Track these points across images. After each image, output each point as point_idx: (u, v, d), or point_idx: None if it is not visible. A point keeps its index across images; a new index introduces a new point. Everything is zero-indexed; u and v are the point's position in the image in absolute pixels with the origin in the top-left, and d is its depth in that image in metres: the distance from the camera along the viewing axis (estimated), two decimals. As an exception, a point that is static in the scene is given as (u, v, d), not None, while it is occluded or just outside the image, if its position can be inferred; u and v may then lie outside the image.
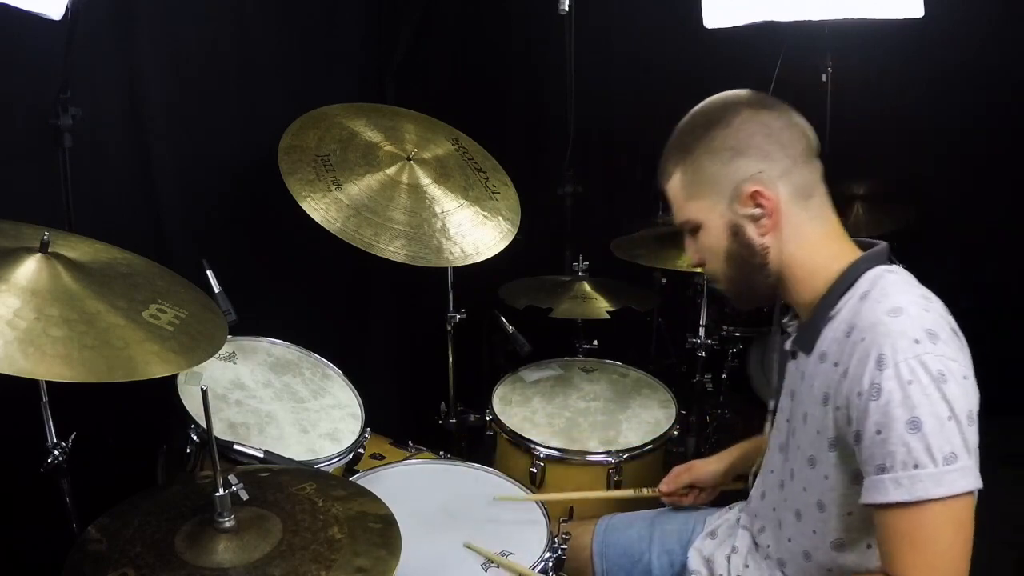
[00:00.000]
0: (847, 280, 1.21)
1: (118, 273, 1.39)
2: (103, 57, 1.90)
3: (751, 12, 2.25)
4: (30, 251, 1.27)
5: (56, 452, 1.43)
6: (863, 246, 1.27)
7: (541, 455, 1.98)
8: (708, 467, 1.70)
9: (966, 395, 1.08)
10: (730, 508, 1.63)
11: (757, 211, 1.22)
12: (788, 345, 1.34)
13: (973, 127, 2.86)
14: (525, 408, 2.18)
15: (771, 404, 1.46)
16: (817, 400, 1.21)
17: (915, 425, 1.05)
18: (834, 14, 2.20)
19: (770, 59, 2.46)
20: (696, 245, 1.32)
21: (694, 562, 1.54)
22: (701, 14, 2.29)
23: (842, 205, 3.34)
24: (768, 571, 1.40)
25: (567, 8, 2.39)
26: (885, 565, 1.09)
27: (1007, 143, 2.86)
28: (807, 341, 1.26)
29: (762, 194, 1.21)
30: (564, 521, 1.63)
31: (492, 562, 1.48)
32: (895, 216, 2.99)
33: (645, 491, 1.79)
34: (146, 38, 1.98)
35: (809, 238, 1.24)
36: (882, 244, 1.26)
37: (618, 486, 1.93)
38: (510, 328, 2.28)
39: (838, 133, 2.55)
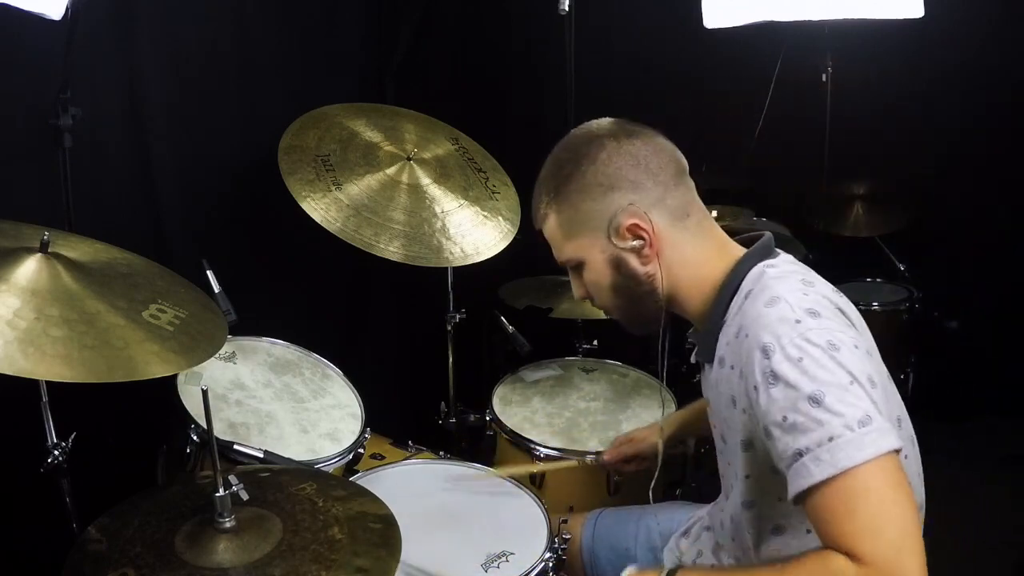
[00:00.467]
0: (732, 284, 1.22)
1: (118, 273, 1.39)
2: (103, 57, 1.90)
3: (751, 12, 2.25)
4: (30, 251, 1.27)
5: (56, 452, 1.43)
6: (747, 242, 1.28)
7: (541, 455, 1.98)
8: (649, 439, 1.76)
9: (862, 361, 1.05)
10: (715, 504, 1.63)
11: (637, 243, 1.24)
12: (692, 358, 1.35)
13: (973, 127, 2.87)
14: (525, 408, 2.18)
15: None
16: (727, 404, 1.22)
17: (817, 398, 1.01)
18: (834, 14, 2.21)
19: (770, 59, 2.46)
20: (581, 281, 1.33)
21: (668, 560, 1.55)
22: (701, 14, 2.29)
23: (842, 205, 3.35)
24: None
25: (567, 8, 2.39)
26: (830, 543, 1.00)
27: (1007, 143, 2.86)
28: (707, 350, 1.27)
29: (639, 225, 1.23)
30: (564, 521, 1.63)
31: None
32: (895, 216, 3.00)
33: (588, 459, 1.86)
34: (146, 38, 1.98)
35: (692, 256, 1.26)
36: (765, 236, 1.28)
37: (618, 486, 1.93)
38: (510, 328, 2.28)
39: (838, 133, 2.56)
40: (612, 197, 1.23)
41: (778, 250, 1.28)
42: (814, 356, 1.04)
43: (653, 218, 1.23)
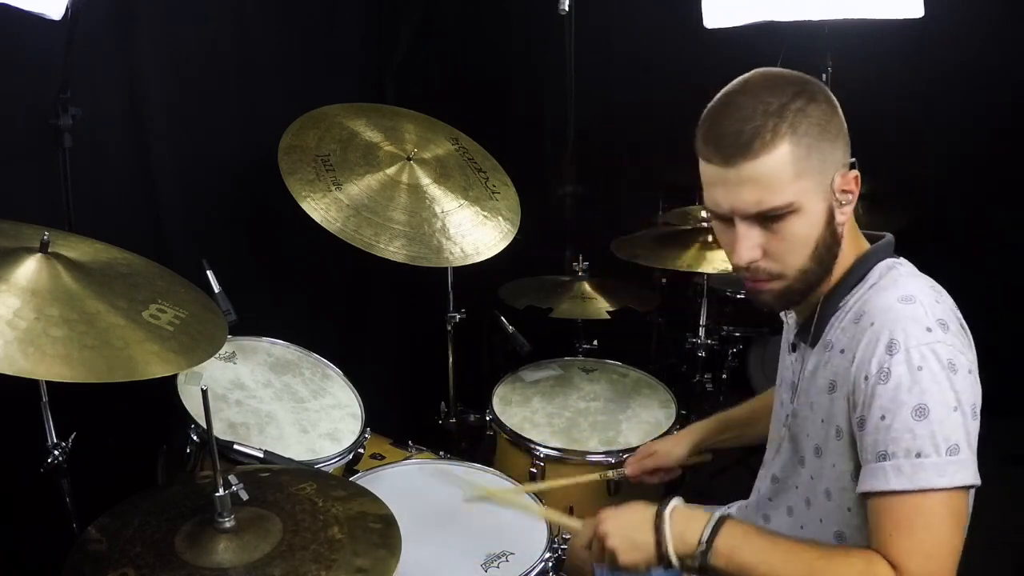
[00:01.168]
0: (858, 272, 1.19)
1: (118, 273, 1.39)
2: (103, 57, 1.90)
3: (751, 12, 2.25)
4: (30, 251, 1.27)
5: (56, 452, 1.43)
6: (871, 239, 1.25)
7: (541, 455, 1.98)
8: (674, 450, 1.69)
9: (972, 388, 1.07)
10: (728, 507, 1.63)
11: (848, 196, 1.14)
12: (790, 338, 1.32)
13: (973, 127, 2.87)
14: (525, 408, 2.18)
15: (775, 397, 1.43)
16: (823, 389, 1.19)
17: (922, 412, 1.03)
18: (834, 14, 2.20)
19: (770, 59, 2.44)
20: (765, 237, 1.13)
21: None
22: (701, 14, 2.29)
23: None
24: None
25: (567, 8, 2.39)
26: (879, 549, 1.05)
27: (1007, 143, 2.86)
28: (814, 333, 1.23)
29: (857, 181, 1.14)
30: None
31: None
32: (895, 216, 2.99)
33: (610, 473, 1.81)
34: (146, 38, 1.98)
35: (848, 230, 1.19)
36: (888, 236, 1.25)
37: (618, 487, 1.93)
38: (510, 328, 2.28)
39: (838, 133, 2.56)
40: (839, 145, 1.13)
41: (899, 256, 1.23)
42: (933, 370, 1.04)
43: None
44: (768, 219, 1.12)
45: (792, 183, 1.10)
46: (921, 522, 1.03)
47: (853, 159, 1.15)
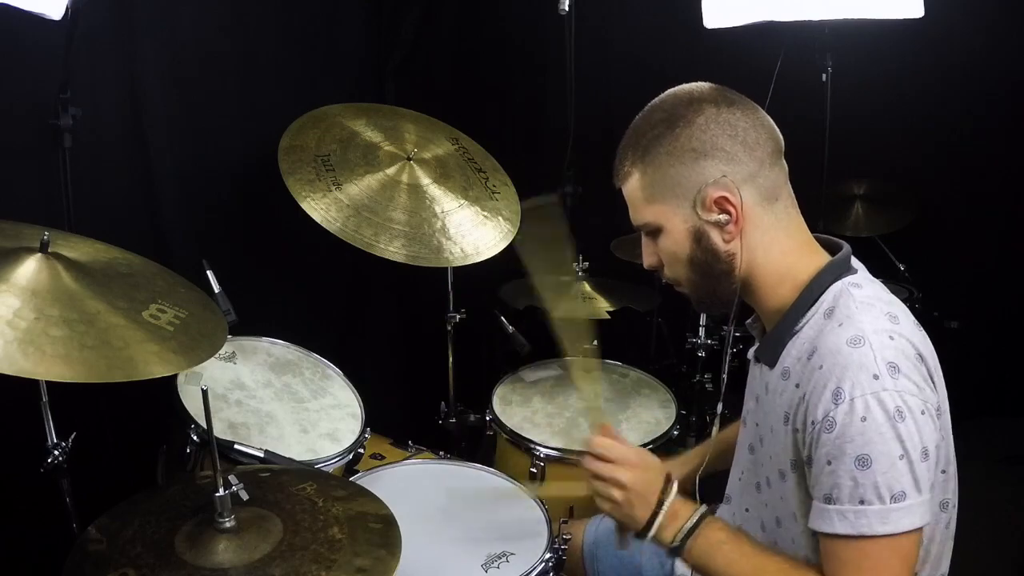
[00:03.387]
0: (812, 294, 1.18)
1: (118, 273, 1.39)
2: (103, 57, 1.90)
3: (751, 12, 2.25)
4: (30, 251, 1.27)
5: (56, 452, 1.43)
6: (826, 245, 1.25)
7: (541, 455, 1.98)
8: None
9: (921, 431, 1.06)
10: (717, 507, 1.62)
11: (722, 217, 1.17)
12: (751, 353, 1.32)
13: (973, 127, 2.87)
14: (525, 408, 2.18)
15: (719, 407, 1.45)
16: (780, 417, 1.19)
17: (864, 462, 1.04)
18: (834, 14, 2.20)
19: (770, 59, 2.45)
20: (654, 248, 1.27)
21: (680, 565, 1.54)
22: (701, 14, 2.29)
23: (842, 205, 3.34)
24: None
25: (567, 8, 2.39)
26: None
27: (1007, 143, 2.86)
28: (771, 353, 1.23)
29: (727, 200, 1.16)
30: (564, 522, 1.63)
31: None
32: (895, 216, 2.99)
33: None
34: (146, 38, 1.98)
35: (775, 244, 1.20)
36: (845, 247, 1.23)
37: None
38: (510, 328, 2.27)
39: (838, 133, 2.55)
40: (703, 165, 1.16)
41: (855, 260, 1.24)
42: (877, 421, 1.04)
43: (743, 194, 1.16)
44: (648, 234, 1.27)
45: (647, 206, 1.23)
46: (867, 564, 1.07)
47: (724, 172, 1.16)
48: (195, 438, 1.61)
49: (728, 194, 1.16)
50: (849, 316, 1.13)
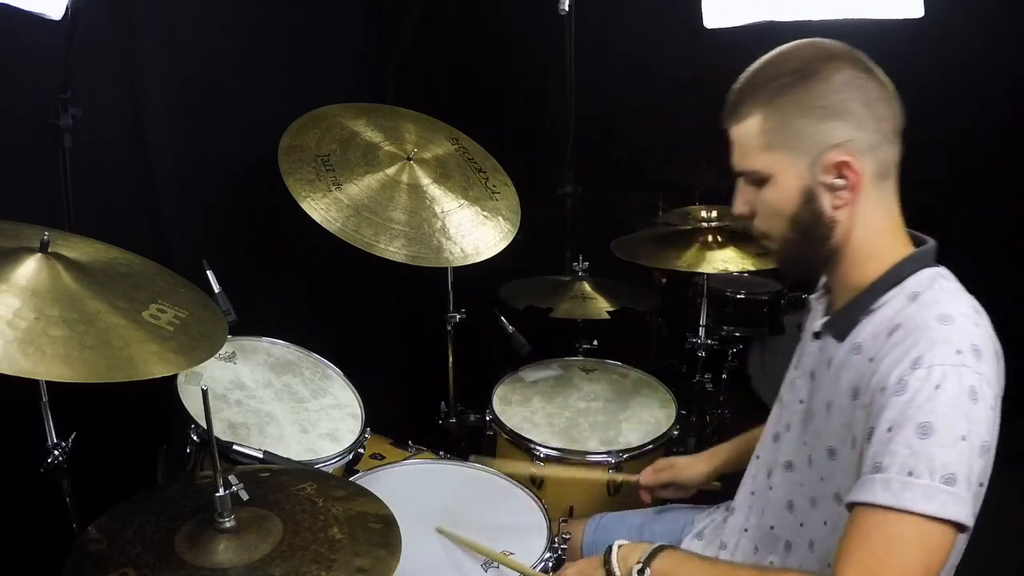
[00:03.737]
0: (896, 275, 1.16)
1: (118, 273, 1.39)
2: (103, 57, 1.90)
3: (751, 12, 2.25)
4: (30, 251, 1.27)
5: (56, 452, 1.43)
6: (914, 240, 1.22)
7: (541, 455, 1.98)
8: (692, 468, 1.67)
9: (988, 424, 1.03)
10: (716, 508, 1.62)
11: (839, 181, 1.14)
12: (816, 326, 1.28)
13: (973, 127, 2.86)
14: (525, 408, 2.18)
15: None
16: (845, 392, 1.16)
17: (926, 431, 0.99)
18: (834, 14, 2.21)
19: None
20: (753, 197, 1.21)
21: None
22: (701, 14, 2.29)
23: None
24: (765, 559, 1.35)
25: (567, 8, 2.39)
26: (840, 555, 1.03)
27: (1007, 143, 2.86)
28: (841, 328, 1.20)
29: (849, 165, 1.13)
30: (564, 521, 1.63)
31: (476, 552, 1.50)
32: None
33: (620, 477, 1.80)
34: (146, 38, 1.98)
35: (876, 222, 1.17)
36: (931, 242, 1.22)
37: (618, 487, 1.93)
38: (510, 328, 2.27)
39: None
40: (831, 125, 1.12)
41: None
42: (951, 392, 1.01)
43: (864, 164, 1.13)
44: (751, 182, 1.21)
45: (760, 152, 1.17)
46: (884, 541, 1.00)
47: (851, 137, 1.12)
48: (195, 438, 1.61)
49: (852, 159, 1.13)
50: (937, 299, 1.11)
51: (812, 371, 1.29)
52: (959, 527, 1.00)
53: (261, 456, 1.58)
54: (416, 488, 1.72)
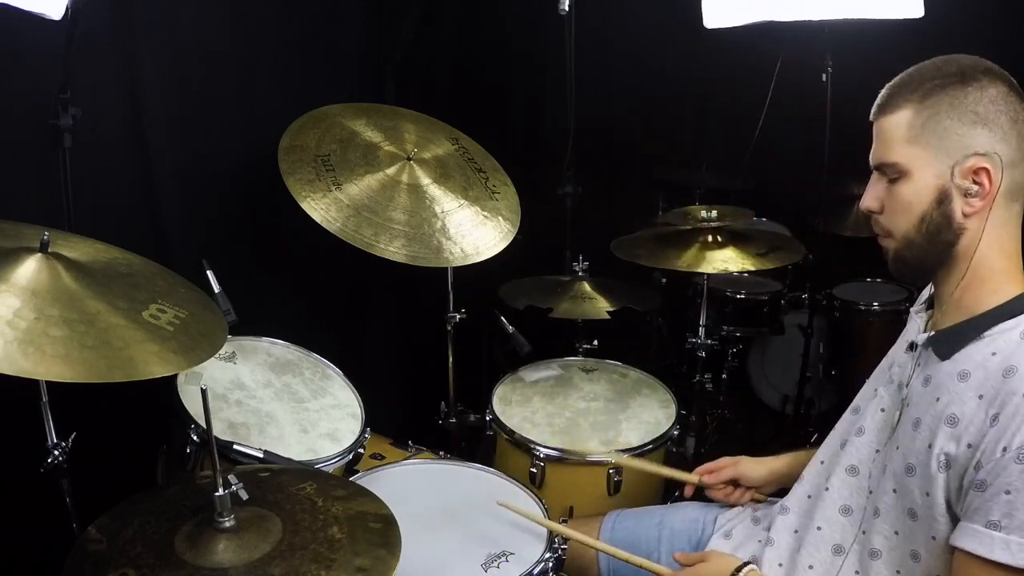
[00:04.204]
0: (1014, 308, 1.17)
1: (118, 273, 1.39)
2: (103, 57, 1.90)
3: (751, 12, 2.25)
4: (30, 251, 1.27)
5: (56, 452, 1.43)
6: None
7: (541, 455, 1.98)
8: (757, 468, 1.65)
9: None
10: (743, 507, 1.62)
11: (974, 187, 1.16)
12: (920, 339, 1.27)
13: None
14: (525, 408, 2.18)
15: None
16: (940, 416, 1.17)
17: None
18: (834, 14, 2.21)
19: (770, 59, 2.46)
20: (884, 192, 1.23)
21: (717, 540, 1.54)
22: (701, 14, 2.29)
23: (842, 205, 3.33)
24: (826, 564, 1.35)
25: (567, 8, 2.39)
26: None
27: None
28: (947, 347, 1.20)
29: (988, 173, 1.15)
30: (564, 521, 1.63)
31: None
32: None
33: (681, 474, 1.76)
34: (146, 38, 1.98)
35: (1001, 241, 1.19)
36: None
37: (618, 487, 1.93)
38: (510, 328, 2.28)
39: (838, 133, 2.56)
40: (979, 132, 1.15)
41: None
42: None
43: (1001, 177, 1.15)
44: (887, 176, 1.22)
45: (904, 146, 1.19)
46: None
47: (995, 149, 1.14)
48: (195, 438, 1.61)
49: (992, 168, 1.15)
50: None
51: (901, 383, 1.29)
52: None
53: (261, 456, 1.58)
54: (416, 488, 1.72)
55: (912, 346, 1.29)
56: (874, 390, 1.37)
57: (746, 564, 1.37)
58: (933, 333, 1.25)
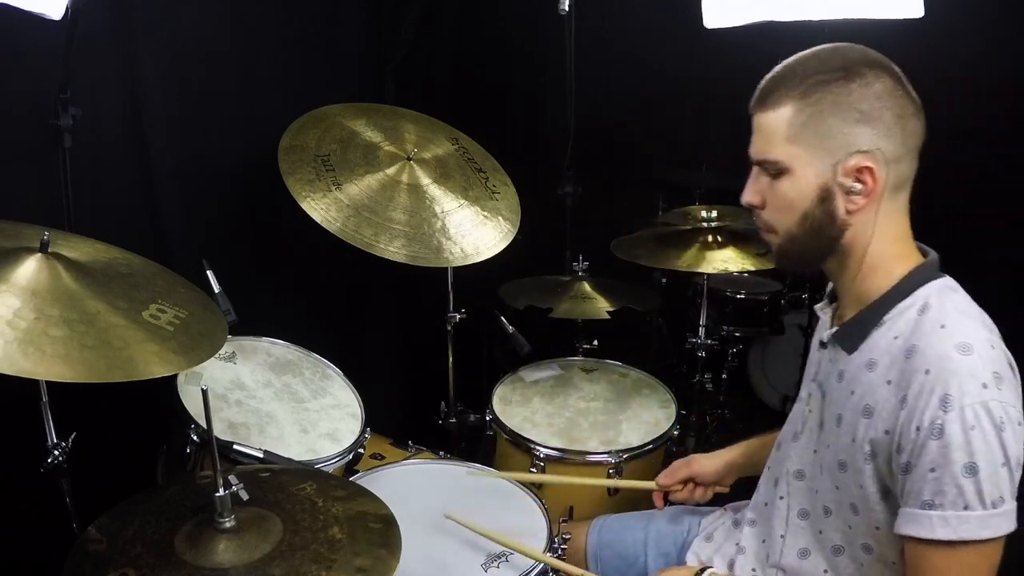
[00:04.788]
0: (907, 287, 1.17)
1: (118, 273, 1.39)
2: (103, 57, 1.90)
3: (751, 12, 2.25)
4: (30, 251, 1.27)
5: (56, 452, 1.43)
6: (920, 251, 1.23)
7: (541, 455, 1.98)
8: (709, 462, 1.65)
9: (1018, 442, 1.07)
10: (724, 510, 1.62)
11: (857, 186, 1.14)
12: (825, 336, 1.29)
13: (973, 127, 2.86)
14: (525, 408, 2.18)
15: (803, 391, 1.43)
16: (857, 409, 1.18)
17: (972, 469, 1.04)
18: (834, 14, 2.21)
19: (770, 59, 2.46)
20: (766, 187, 1.21)
21: (692, 553, 1.54)
22: (701, 14, 2.29)
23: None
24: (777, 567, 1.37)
25: (567, 8, 2.39)
26: None
27: (1007, 143, 2.86)
28: (851, 340, 1.22)
29: (871, 172, 1.13)
30: (564, 521, 1.63)
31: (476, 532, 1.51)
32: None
33: (640, 483, 1.77)
34: (146, 38, 1.98)
35: (887, 232, 1.18)
36: (933, 253, 1.23)
37: (617, 488, 1.93)
38: (510, 328, 2.27)
39: (838, 133, 2.56)
40: (862, 131, 1.13)
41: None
42: (985, 429, 1.05)
43: (885, 174, 1.14)
44: (769, 172, 1.20)
45: (784, 144, 1.17)
46: (960, 571, 1.08)
47: (879, 146, 1.12)
48: (195, 438, 1.61)
49: (875, 167, 1.13)
50: (952, 320, 1.12)
51: (820, 381, 1.30)
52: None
53: (261, 456, 1.58)
54: (416, 488, 1.72)
55: (823, 344, 1.30)
56: (805, 393, 1.37)
57: (704, 569, 1.38)
58: (837, 328, 1.26)
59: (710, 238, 2.31)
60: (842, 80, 1.14)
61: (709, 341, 2.51)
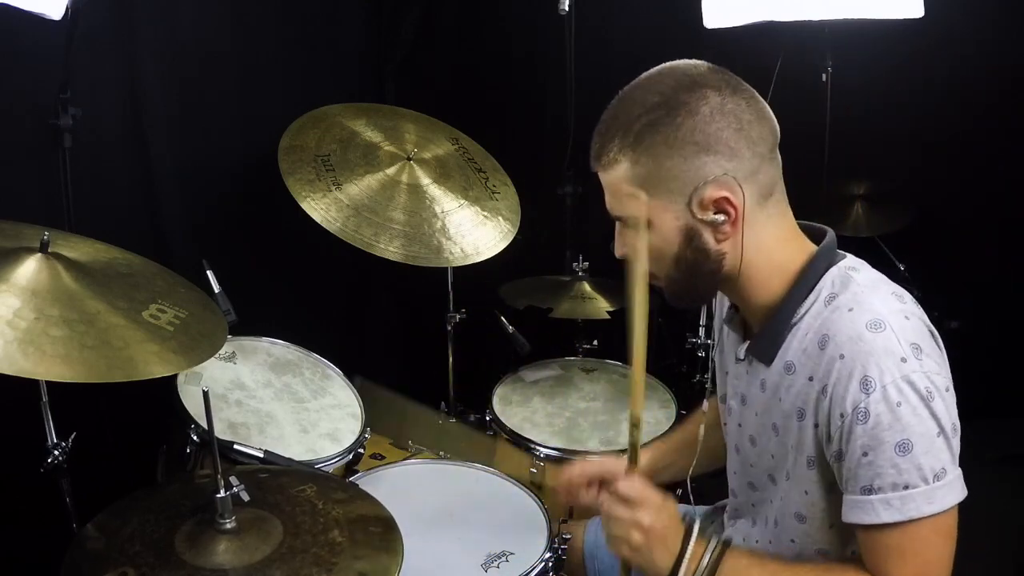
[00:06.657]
0: (807, 283, 1.13)
1: (118, 273, 1.39)
2: (103, 57, 1.90)
3: (751, 12, 2.25)
4: (30, 251, 1.27)
5: (56, 452, 1.43)
6: (811, 233, 1.19)
7: (541, 455, 1.98)
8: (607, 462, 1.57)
9: (948, 408, 1.04)
10: (716, 508, 1.62)
11: (719, 217, 1.09)
12: (740, 352, 1.24)
13: (973, 127, 2.86)
14: (525, 408, 2.18)
15: (704, 404, 1.42)
16: (790, 414, 1.14)
17: (904, 447, 1.01)
18: (834, 14, 2.21)
19: (770, 59, 2.45)
20: (631, 239, 1.15)
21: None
22: (701, 14, 2.29)
23: (842, 205, 3.33)
24: None
25: (567, 8, 2.39)
26: (873, 572, 1.08)
27: (1007, 143, 2.86)
28: (766, 350, 1.17)
29: (728, 200, 1.08)
30: (564, 521, 1.63)
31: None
32: (895, 216, 2.99)
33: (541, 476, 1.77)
34: (146, 38, 1.98)
35: (767, 241, 1.13)
36: (829, 233, 1.18)
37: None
38: (510, 328, 2.27)
39: (838, 133, 2.56)
40: (704, 161, 1.06)
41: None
42: (911, 403, 1.02)
43: (743, 193, 1.08)
44: (631, 225, 1.15)
45: (632, 199, 1.11)
46: (913, 547, 1.05)
47: (726, 170, 1.07)
48: (195, 438, 1.61)
49: (730, 194, 1.07)
50: (859, 300, 1.08)
51: (742, 395, 1.27)
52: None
53: (261, 456, 1.58)
54: (416, 488, 1.72)
55: (739, 359, 1.26)
56: (728, 411, 1.33)
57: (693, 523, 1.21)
58: (750, 343, 1.22)
59: (710, 238, 2.30)
60: (665, 117, 1.07)
61: (709, 341, 2.51)
